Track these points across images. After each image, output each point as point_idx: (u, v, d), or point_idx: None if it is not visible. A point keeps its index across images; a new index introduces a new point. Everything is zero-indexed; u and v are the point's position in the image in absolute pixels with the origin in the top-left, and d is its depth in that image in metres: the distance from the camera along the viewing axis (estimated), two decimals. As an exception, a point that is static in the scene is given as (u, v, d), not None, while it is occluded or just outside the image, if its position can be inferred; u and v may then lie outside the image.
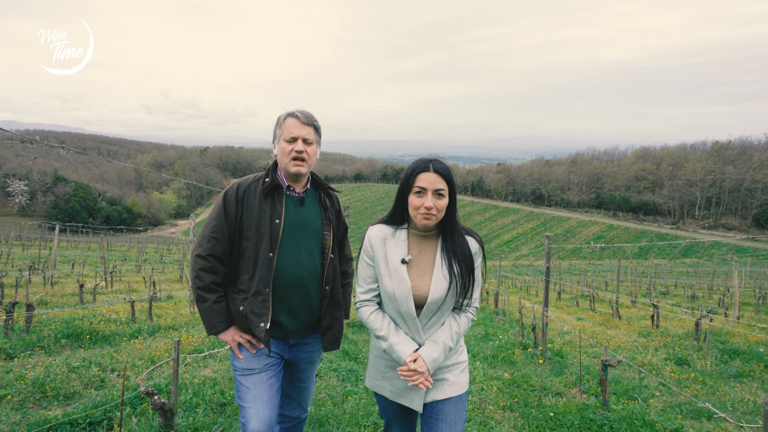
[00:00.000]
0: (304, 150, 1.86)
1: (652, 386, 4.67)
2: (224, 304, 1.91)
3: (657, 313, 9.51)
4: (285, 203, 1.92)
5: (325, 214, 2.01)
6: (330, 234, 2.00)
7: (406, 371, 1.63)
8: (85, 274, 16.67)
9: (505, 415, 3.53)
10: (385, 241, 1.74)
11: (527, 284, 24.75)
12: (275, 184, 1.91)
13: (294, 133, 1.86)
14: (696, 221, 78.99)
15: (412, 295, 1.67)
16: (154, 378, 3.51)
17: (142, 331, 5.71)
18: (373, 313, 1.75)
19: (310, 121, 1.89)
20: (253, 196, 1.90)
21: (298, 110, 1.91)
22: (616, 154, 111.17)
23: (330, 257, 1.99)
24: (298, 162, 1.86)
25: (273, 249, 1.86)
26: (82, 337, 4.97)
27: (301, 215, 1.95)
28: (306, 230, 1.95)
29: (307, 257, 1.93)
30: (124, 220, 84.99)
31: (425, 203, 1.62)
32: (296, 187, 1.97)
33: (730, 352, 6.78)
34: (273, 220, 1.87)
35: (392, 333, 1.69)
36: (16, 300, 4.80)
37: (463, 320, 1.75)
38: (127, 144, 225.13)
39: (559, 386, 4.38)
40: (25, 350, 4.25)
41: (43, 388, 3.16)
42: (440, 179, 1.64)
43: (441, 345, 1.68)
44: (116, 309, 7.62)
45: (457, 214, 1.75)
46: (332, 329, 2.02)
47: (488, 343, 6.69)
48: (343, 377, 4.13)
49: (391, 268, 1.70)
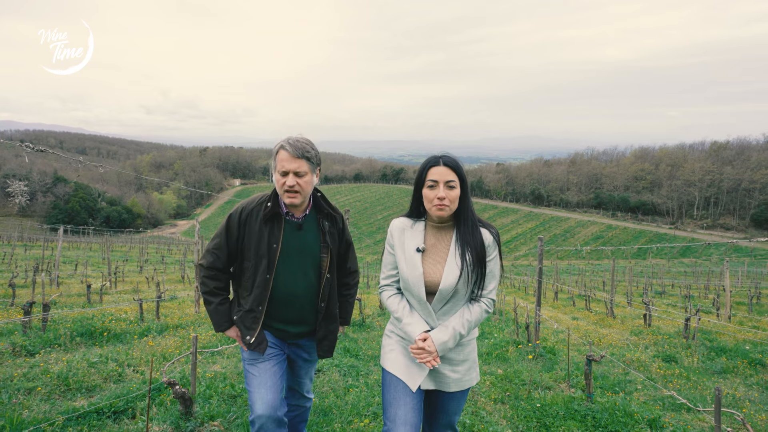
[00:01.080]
0: (295, 183, 1.94)
1: (637, 381, 4.92)
2: (227, 305, 2.11)
3: (649, 313, 9.76)
4: (284, 228, 2.04)
5: (323, 237, 2.11)
6: (327, 256, 2.11)
7: (415, 349, 1.74)
8: (88, 274, 16.89)
9: (496, 406, 3.78)
10: (404, 231, 1.88)
11: (525, 284, 25.00)
12: (275, 211, 2.04)
13: (285, 167, 1.93)
14: (694, 221, 79.33)
15: (424, 281, 1.79)
16: (167, 373, 3.75)
17: (151, 329, 5.95)
18: (392, 296, 1.90)
19: (300, 154, 1.93)
20: (255, 220, 2.04)
21: (291, 141, 1.96)
22: (615, 154, 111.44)
23: (326, 277, 2.12)
24: (290, 194, 1.96)
25: (270, 271, 2.01)
26: (95, 335, 5.22)
27: (299, 239, 2.07)
28: (303, 253, 2.07)
29: (303, 277, 2.07)
30: (123, 220, 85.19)
31: (438, 194, 1.73)
32: (295, 212, 2.08)
33: (717, 350, 7.03)
34: (271, 245, 2.01)
35: (406, 314, 1.82)
36: (33, 300, 5.04)
37: (476, 310, 1.82)
38: (127, 144, 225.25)
39: (549, 381, 4.63)
40: (43, 347, 4.50)
41: (66, 381, 3.41)
42: (450, 171, 1.75)
43: (451, 330, 1.77)
44: (124, 309, 7.86)
45: (471, 206, 1.84)
46: (327, 339, 2.18)
47: (484, 342, 6.94)
48: (345, 372, 4.38)
49: (407, 255, 1.83)
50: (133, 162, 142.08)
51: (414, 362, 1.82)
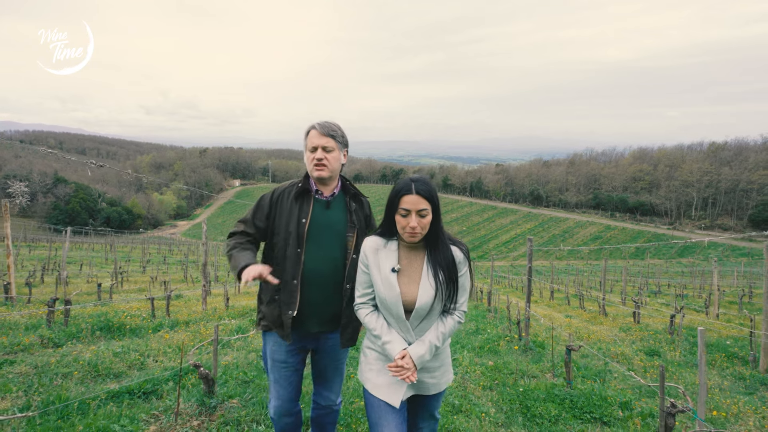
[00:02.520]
0: (324, 157, 2.07)
1: (616, 372, 5.29)
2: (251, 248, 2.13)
3: (638, 311, 10.14)
4: (312, 205, 2.13)
5: (350, 217, 2.17)
6: (353, 236, 2.16)
7: (394, 367, 1.77)
8: (94, 274, 17.24)
9: (484, 392, 4.15)
10: (378, 251, 1.89)
11: (523, 284, 25.36)
12: (305, 188, 2.15)
13: (314, 143, 2.08)
14: (692, 222, 79.76)
15: (402, 300, 1.84)
16: (191, 359, 4.13)
17: (163, 325, 6.32)
18: (369, 314, 1.92)
19: (327, 132, 2.09)
20: (286, 198, 2.15)
21: (320, 122, 2.12)
22: (613, 154, 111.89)
23: (352, 257, 2.14)
24: (319, 167, 2.08)
25: (300, 245, 2.07)
26: (113, 329, 5.59)
27: (327, 217, 2.14)
28: (330, 231, 2.13)
29: (329, 256, 2.12)
30: (124, 221, 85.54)
31: (410, 223, 1.77)
32: (324, 191, 2.17)
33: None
34: (300, 220, 2.10)
35: (385, 332, 1.86)
36: (56, 296, 5.41)
37: (450, 322, 1.88)
38: (126, 145, 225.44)
39: (535, 371, 5.00)
40: (68, 340, 4.87)
41: (96, 368, 3.78)
42: (423, 200, 1.76)
43: (428, 344, 1.82)
44: (134, 307, 8.23)
45: (441, 228, 1.87)
46: (350, 326, 2.19)
47: (477, 337, 7.31)
48: (347, 363, 4.75)
49: (383, 276, 1.86)
50: (132, 162, 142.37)
51: (392, 378, 1.87)
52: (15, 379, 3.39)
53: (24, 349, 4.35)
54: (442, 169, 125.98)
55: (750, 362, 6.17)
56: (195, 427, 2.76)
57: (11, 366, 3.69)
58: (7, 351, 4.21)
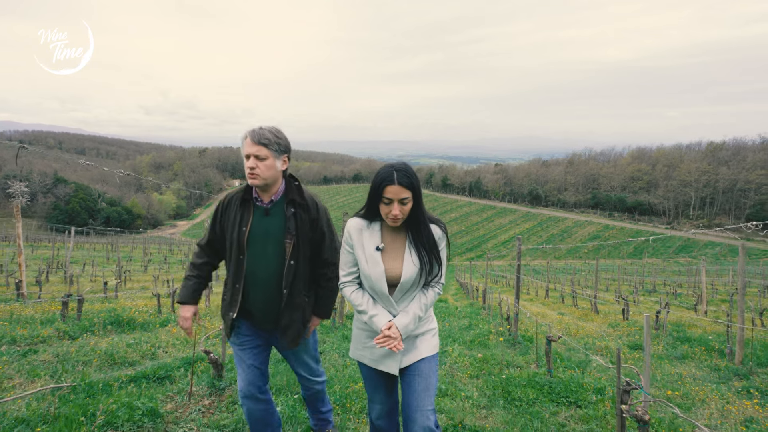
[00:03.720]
0: (255, 165, 2.07)
1: (597, 363, 5.62)
2: (193, 282, 2.26)
3: (627, 308, 10.48)
4: (252, 213, 2.19)
5: (287, 223, 2.19)
6: (291, 242, 2.17)
7: (381, 338, 1.87)
8: (97, 274, 17.55)
9: (471, 380, 4.48)
10: (362, 231, 2.00)
11: (521, 283, 25.68)
12: (246, 197, 2.22)
13: (247, 151, 2.09)
14: (690, 221, 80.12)
15: (386, 276, 1.96)
16: (193, 351, 4.45)
17: (169, 320, 6.64)
18: (354, 291, 2.03)
19: (258, 140, 2.06)
20: (232, 205, 2.22)
21: (254, 129, 2.11)
22: (612, 154, 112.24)
23: (290, 263, 2.17)
24: (251, 176, 2.09)
25: (241, 252, 2.15)
26: (123, 324, 5.91)
27: (265, 224, 2.18)
28: (269, 237, 2.17)
29: (266, 262, 2.17)
30: (124, 221, 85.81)
31: (392, 211, 1.88)
32: (264, 198, 2.20)
33: (682, 339, 7.74)
34: (241, 228, 2.16)
35: (371, 307, 1.97)
36: (70, 293, 5.73)
37: (431, 294, 2.02)
38: (126, 145, 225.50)
39: (521, 362, 5.32)
40: (82, 333, 5.19)
41: (112, 357, 4.10)
42: (404, 190, 1.85)
43: (412, 314, 1.95)
44: (140, 304, 8.55)
45: (422, 212, 1.97)
46: (290, 329, 2.22)
47: (470, 332, 7.64)
48: (343, 354, 5.08)
49: (367, 254, 1.97)
50: (132, 162, 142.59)
51: (387, 351, 1.99)
52: (40, 365, 3.72)
53: (43, 341, 4.68)
54: (441, 169, 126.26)
55: (727, 355, 6.49)
56: (206, 406, 3.08)
57: (35, 354, 4.03)
58: (29, 342, 4.54)
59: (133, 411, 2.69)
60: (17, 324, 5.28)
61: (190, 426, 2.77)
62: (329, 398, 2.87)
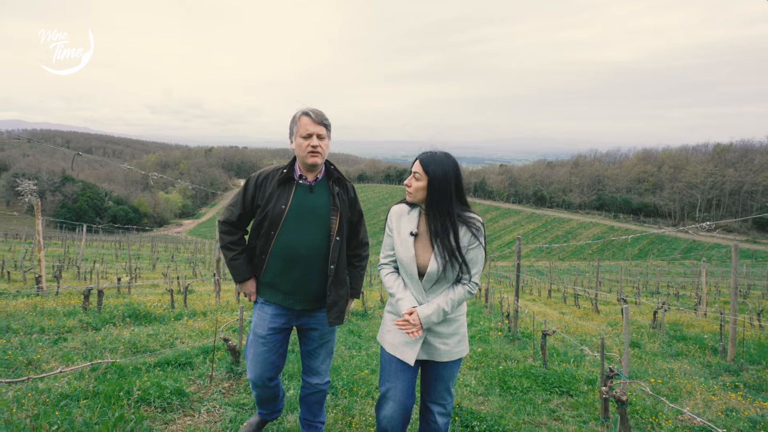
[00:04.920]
0: (318, 144, 2.16)
1: (595, 358, 5.87)
2: (242, 260, 2.27)
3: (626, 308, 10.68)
4: (295, 190, 2.22)
5: (333, 200, 2.26)
6: (336, 218, 2.24)
7: (401, 321, 1.95)
8: (108, 271, 17.94)
9: (470, 371, 4.74)
10: (401, 216, 2.11)
11: (524, 283, 25.87)
12: (289, 176, 2.24)
13: (309, 130, 2.14)
14: (696, 223, 79.71)
15: (416, 263, 2.02)
16: (221, 333, 4.74)
17: (183, 314, 6.94)
18: (389, 274, 2.13)
19: (320, 120, 2.16)
20: (269, 182, 2.24)
21: (311, 109, 2.17)
22: (617, 155, 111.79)
23: (335, 239, 2.23)
24: (314, 154, 2.16)
25: (274, 228, 2.19)
26: (140, 317, 6.22)
27: (309, 201, 2.22)
28: (313, 214, 2.21)
29: (310, 238, 2.20)
30: (130, 219, 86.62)
31: (407, 182, 2.07)
32: (308, 176, 2.26)
33: (678, 338, 7.96)
34: (280, 205, 2.19)
35: (400, 291, 2.05)
36: (91, 287, 6.05)
37: (460, 290, 2.02)
38: (132, 144, 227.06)
39: (519, 356, 5.58)
40: (103, 324, 5.50)
41: (135, 346, 4.40)
42: (419, 165, 2.02)
43: (435, 306, 1.97)
44: (153, 299, 8.87)
45: (444, 199, 2.00)
46: (337, 305, 2.27)
47: (471, 329, 7.90)
48: (350, 346, 5.37)
49: (402, 238, 2.06)
50: (139, 161, 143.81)
51: (406, 338, 2.03)
52: (71, 351, 4.02)
53: (69, 331, 4.99)
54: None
55: (720, 352, 6.71)
56: (226, 388, 3.37)
57: (65, 342, 4.34)
58: (56, 332, 4.86)
59: (162, 389, 2.99)
60: (43, 316, 5.60)
61: (213, 404, 3.06)
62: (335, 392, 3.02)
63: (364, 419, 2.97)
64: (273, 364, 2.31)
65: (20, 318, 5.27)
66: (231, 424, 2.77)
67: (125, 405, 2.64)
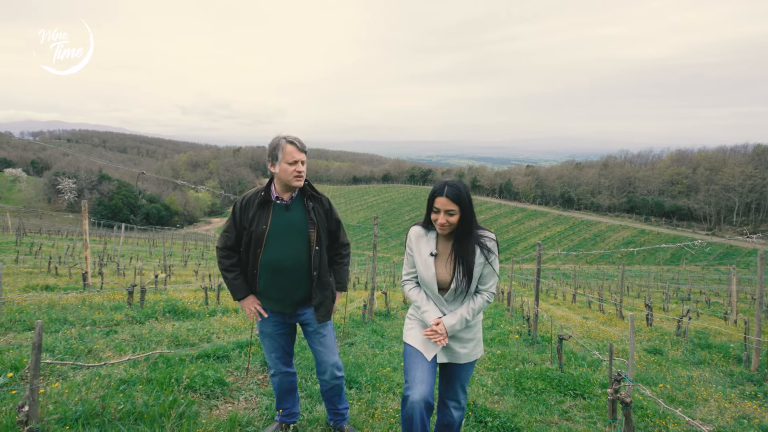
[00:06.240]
0: (302, 170, 2.41)
1: (614, 363, 5.96)
2: (241, 279, 2.52)
3: (651, 314, 10.60)
4: (273, 211, 2.46)
5: (309, 215, 2.50)
6: (314, 231, 2.49)
7: (429, 332, 2.17)
8: (144, 267, 18.81)
9: (487, 372, 4.95)
10: (420, 238, 2.29)
11: (548, 287, 25.61)
12: (266, 198, 2.48)
13: (295, 157, 2.38)
14: (733, 227, 76.55)
15: (437, 280, 2.23)
16: (250, 335, 5.12)
17: (217, 311, 7.39)
18: (412, 288, 2.35)
19: (303, 147, 2.43)
20: (251, 205, 2.48)
21: (294, 138, 2.41)
22: (650, 157, 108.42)
23: (315, 249, 2.49)
24: (299, 178, 2.42)
25: (259, 246, 2.44)
26: (178, 312, 6.69)
27: (287, 218, 2.47)
28: (292, 230, 2.46)
29: (293, 251, 2.46)
30: (162, 217, 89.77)
31: (439, 220, 2.14)
32: (284, 196, 2.49)
33: (702, 346, 7.90)
34: (260, 225, 2.44)
35: (424, 303, 2.28)
36: (135, 284, 6.55)
37: (479, 300, 2.24)
38: (165, 143, 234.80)
39: (537, 359, 5.74)
40: (146, 319, 5.98)
41: (177, 339, 4.82)
42: (450, 202, 2.10)
43: (459, 316, 2.20)
44: (187, 296, 9.40)
45: (470, 225, 2.18)
46: (323, 305, 2.56)
47: (492, 331, 8.07)
48: (373, 345, 5.65)
49: (423, 258, 2.25)
50: (170, 161, 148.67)
51: (427, 339, 2.25)
52: (122, 343, 4.46)
53: (117, 324, 5.47)
54: (471, 170, 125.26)
55: (744, 361, 6.67)
56: (260, 380, 3.71)
57: (116, 334, 4.80)
58: (106, 324, 5.35)
59: (206, 379, 3.35)
60: (93, 309, 6.12)
61: (250, 393, 3.40)
62: (359, 387, 3.29)
63: (386, 411, 3.24)
64: (283, 350, 2.65)
65: (74, 311, 5.79)
66: (267, 411, 3.09)
67: (175, 390, 3.00)
